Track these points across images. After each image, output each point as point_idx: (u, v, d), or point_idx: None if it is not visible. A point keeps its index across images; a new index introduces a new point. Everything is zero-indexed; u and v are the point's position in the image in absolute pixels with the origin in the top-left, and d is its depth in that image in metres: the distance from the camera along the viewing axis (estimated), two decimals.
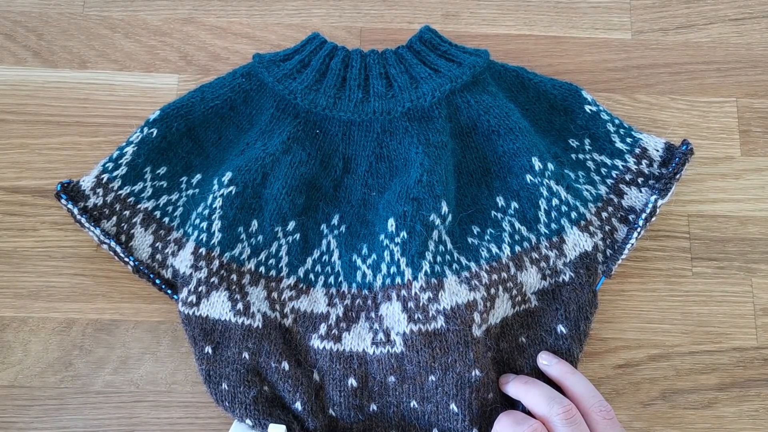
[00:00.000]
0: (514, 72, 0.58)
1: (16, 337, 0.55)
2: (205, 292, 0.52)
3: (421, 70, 0.57)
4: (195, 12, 0.62)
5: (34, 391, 0.54)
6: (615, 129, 0.57)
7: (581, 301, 0.52)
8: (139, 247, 0.55)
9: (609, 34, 0.63)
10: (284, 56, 0.58)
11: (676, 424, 0.55)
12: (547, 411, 0.46)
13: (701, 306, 0.57)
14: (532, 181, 0.54)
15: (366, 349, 0.52)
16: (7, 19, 0.61)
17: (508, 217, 0.55)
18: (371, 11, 0.63)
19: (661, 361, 0.56)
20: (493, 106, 0.55)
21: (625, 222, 0.55)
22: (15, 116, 0.59)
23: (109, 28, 0.61)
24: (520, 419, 0.47)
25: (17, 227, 0.57)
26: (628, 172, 0.56)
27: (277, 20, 0.62)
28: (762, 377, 0.56)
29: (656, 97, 0.61)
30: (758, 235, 0.58)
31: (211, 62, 0.61)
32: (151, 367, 0.55)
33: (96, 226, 0.53)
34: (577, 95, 0.58)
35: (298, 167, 0.54)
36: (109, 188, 0.54)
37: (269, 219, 0.54)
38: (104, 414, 0.54)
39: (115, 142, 0.58)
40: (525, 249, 0.54)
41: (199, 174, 0.57)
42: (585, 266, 0.53)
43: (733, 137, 0.60)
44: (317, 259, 0.55)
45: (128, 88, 0.60)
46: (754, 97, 0.61)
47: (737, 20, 0.63)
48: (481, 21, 0.63)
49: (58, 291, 0.56)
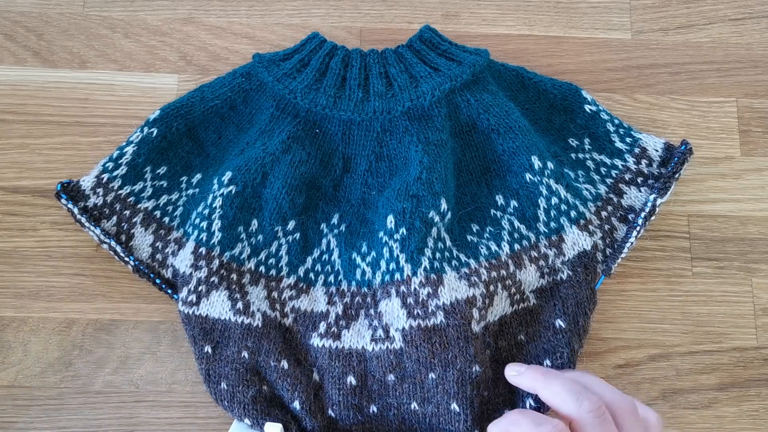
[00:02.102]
0: (514, 71, 0.58)
1: (16, 337, 0.55)
2: (205, 292, 0.52)
3: (421, 69, 0.57)
4: (195, 12, 0.62)
5: (34, 391, 0.54)
6: (614, 129, 0.57)
7: (579, 297, 0.52)
8: (139, 247, 0.55)
9: (609, 34, 0.63)
10: (284, 56, 0.58)
11: (676, 424, 0.55)
12: (575, 409, 0.41)
13: (701, 306, 0.57)
14: (532, 179, 0.54)
15: (365, 346, 0.52)
16: (7, 19, 0.61)
17: (508, 216, 0.55)
18: (371, 11, 0.63)
19: (661, 361, 0.56)
20: (492, 104, 0.55)
21: (625, 221, 0.55)
22: (15, 116, 0.59)
23: (109, 28, 0.61)
24: (539, 419, 0.41)
25: (17, 227, 0.57)
26: (628, 171, 0.56)
27: (277, 20, 0.62)
28: (762, 377, 0.55)
29: (656, 97, 0.61)
30: (758, 235, 0.58)
31: (211, 62, 0.61)
32: (151, 367, 0.55)
33: (96, 226, 0.53)
34: (576, 95, 0.58)
35: (298, 167, 0.55)
36: (109, 188, 0.55)
37: (269, 218, 0.54)
38: (104, 414, 0.54)
39: (115, 142, 0.58)
40: (524, 247, 0.54)
41: (199, 174, 0.57)
42: (583, 265, 0.53)
43: (733, 137, 0.60)
44: (317, 258, 0.55)
45: (128, 88, 0.60)
46: (754, 97, 0.61)
47: (737, 20, 0.63)
48: (481, 21, 0.63)
49: (58, 291, 0.56)
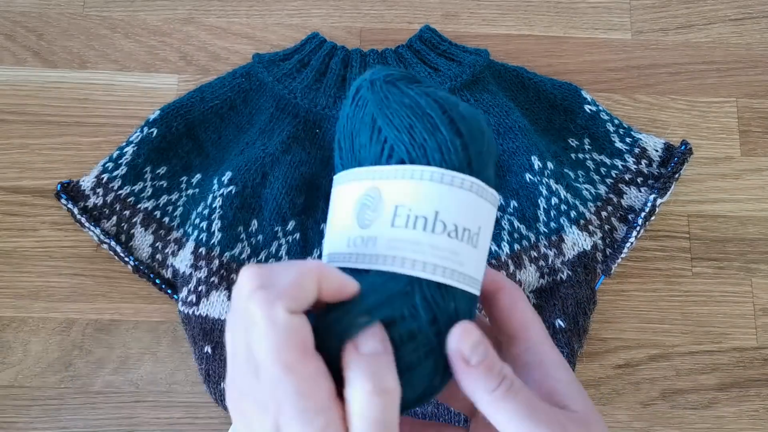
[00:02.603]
0: (514, 72, 0.58)
1: (16, 337, 0.55)
2: (204, 292, 0.52)
3: (421, 69, 0.57)
4: (195, 12, 0.62)
5: (34, 391, 0.54)
6: (614, 129, 0.57)
7: (579, 297, 0.52)
8: (139, 247, 0.55)
9: (609, 34, 0.63)
10: (284, 56, 0.58)
11: (676, 424, 0.55)
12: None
13: (701, 306, 0.57)
14: (532, 179, 0.54)
15: None
16: (7, 19, 0.61)
17: (508, 216, 0.55)
18: (371, 11, 0.63)
19: (661, 361, 0.56)
20: (492, 104, 0.55)
21: (625, 221, 0.55)
22: (15, 116, 0.59)
23: (109, 28, 0.61)
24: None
25: (17, 227, 0.57)
26: (628, 171, 0.56)
27: (277, 20, 0.62)
28: (762, 377, 0.55)
29: (656, 97, 0.61)
30: (758, 235, 0.58)
31: (211, 62, 0.61)
32: (151, 367, 0.55)
33: (96, 226, 0.53)
34: (576, 95, 0.58)
35: (297, 167, 0.54)
36: (109, 188, 0.54)
37: (269, 218, 0.54)
38: (104, 414, 0.54)
39: (115, 142, 0.58)
40: (524, 247, 0.54)
41: (199, 174, 0.57)
42: (583, 265, 0.53)
43: (733, 137, 0.60)
44: (317, 259, 0.55)
45: (128, 88, 0.60)
46: (754, 97, 0.61)
47: (737, 20, 0.63)
48: (481, 21, 0.63)
49: (58, 291, 0.56)
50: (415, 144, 0.28)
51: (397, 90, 0.28)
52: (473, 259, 0.28)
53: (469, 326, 0.27)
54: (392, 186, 0.27)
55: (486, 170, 0.29)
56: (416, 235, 0.27)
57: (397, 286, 0.27)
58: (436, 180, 0.27)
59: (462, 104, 0.29)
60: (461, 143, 0.28)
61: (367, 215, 0.28)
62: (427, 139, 0.27)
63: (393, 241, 0.27)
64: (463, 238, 0.28)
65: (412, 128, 0.28)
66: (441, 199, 0.27)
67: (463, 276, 0.28)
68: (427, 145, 0.27)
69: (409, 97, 0.28)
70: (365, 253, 0.27)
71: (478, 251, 0.28)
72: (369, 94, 0.29)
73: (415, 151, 0.27)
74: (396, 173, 0.27)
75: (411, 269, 0.27)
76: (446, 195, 0.27)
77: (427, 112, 0.28)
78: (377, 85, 0.29)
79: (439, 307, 0.27)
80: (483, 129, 0.29)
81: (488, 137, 0.29)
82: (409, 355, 0.26)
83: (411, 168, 0.27)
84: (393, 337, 0.26)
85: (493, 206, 0.29)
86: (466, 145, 0.28)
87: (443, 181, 0.27)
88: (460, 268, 0.28)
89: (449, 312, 0.27)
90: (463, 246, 0.28)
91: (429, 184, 0.27)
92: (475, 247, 0.28)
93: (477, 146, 0.28)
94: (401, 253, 0.27)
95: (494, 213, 0.30)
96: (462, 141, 0.28)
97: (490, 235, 0.29)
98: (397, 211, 0.27)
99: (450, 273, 0.27)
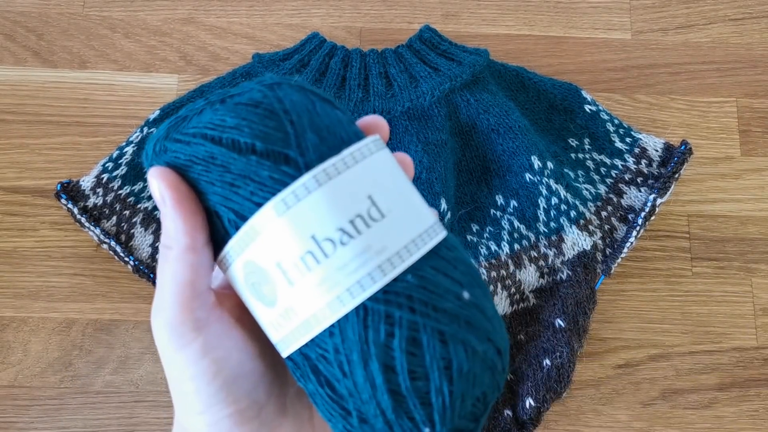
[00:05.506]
0: (514, 71, 0.58)
1: (16, 337, 0.55)
2: None
3: (421, 69, 0.57)
4: (195, 12, 0.62)
5: (34, 391, 0.54)
6: (614, 129, 0.57)
7: (579, 296, 0.52)
8: (139, 247, 0.55)
9: (609, 34, 0.63)
10: (284, 56, 0.58)
11: (676, 424, 0.54)
12: None
13: (701, 306, 0.57)
14: (532, 179, 0.54)
15: None
16: (7, 19, 0.61)
17: (508, 216, 0.55)
18: (371, 11, 0.63)
19: (661, 361, 0.56)
20: (492, 104, 0.55)
21: (625, 221, 0.55)
22: (15, 116, 0.59)
23: (109, 28, 0.61)
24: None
25: (17, 227, 0.57)
26: (628, 171, 0.56)
27: (277, 20, 0.62)
28: (762, 377, 0.55)
29: (656, 97, 0.61)
30: (758, 235, 0.58)
31: (211, 62, 0.61)
32: (151, 367, 0.55)
33: (96, 226, 0.53)
34: (576, 95, 0.58)
35: None
36: (109, 188, 0.54)
37: None
38: (104, 414, 0.54)
39: (115, 142, 0.58)
40: (524, 247, 0.54)
41: None
42: (583, 265, 0.53)
43: (733, 137, 0.60)
44: None
45: (128, 88, 0.60)
46: (754, 97, 0.61)
47: (737, 20, 0.63)
48: (481, 21, 0.63)
49: (58, 291, 0.56)
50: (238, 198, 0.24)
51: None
52: (392, 227, 0.24)
53: None
54: (255, 250, 0.24)
55: (318, 147, 0.24)
56: (319, 273, 0.23)
57: (359, 327, 0.23)
58: (281, 212, 0.23)
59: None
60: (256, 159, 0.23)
61: (264, 292, 0.24)
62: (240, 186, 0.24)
63: (305, 296, 0.23)
64: (361, 228, 0.23)
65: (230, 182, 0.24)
66: (304, 223, 0.23)
67: (398, 253, 0.23)
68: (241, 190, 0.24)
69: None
70: (297, 328, 0.24)
71: (392, 214, 0.24)
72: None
73: (243, 203, 0.24)
74: (247, 236, 0.24)
75: (346, 304, 0.23)
76: (304, 215, 0.23)
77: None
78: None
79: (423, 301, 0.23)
80: (258, 101, 0.24)
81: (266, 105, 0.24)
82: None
83: (251, 224, 0.24)
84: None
85: (366, 153, 0.25)
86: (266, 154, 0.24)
87: (289, 206, 0.23)
88: (387, 251, 0.23)
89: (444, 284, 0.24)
90: (370, 232, 0.23)
91: (281, 222, 0.23)
92: (384, 216, 0.24)
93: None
94: (323, 301, 0.23)
95: (377, 151, 0.25)
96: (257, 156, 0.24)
97: (395, 179, 0.25)
98: (282, 267, 0.23)
99: (388, 266, 0.23)
